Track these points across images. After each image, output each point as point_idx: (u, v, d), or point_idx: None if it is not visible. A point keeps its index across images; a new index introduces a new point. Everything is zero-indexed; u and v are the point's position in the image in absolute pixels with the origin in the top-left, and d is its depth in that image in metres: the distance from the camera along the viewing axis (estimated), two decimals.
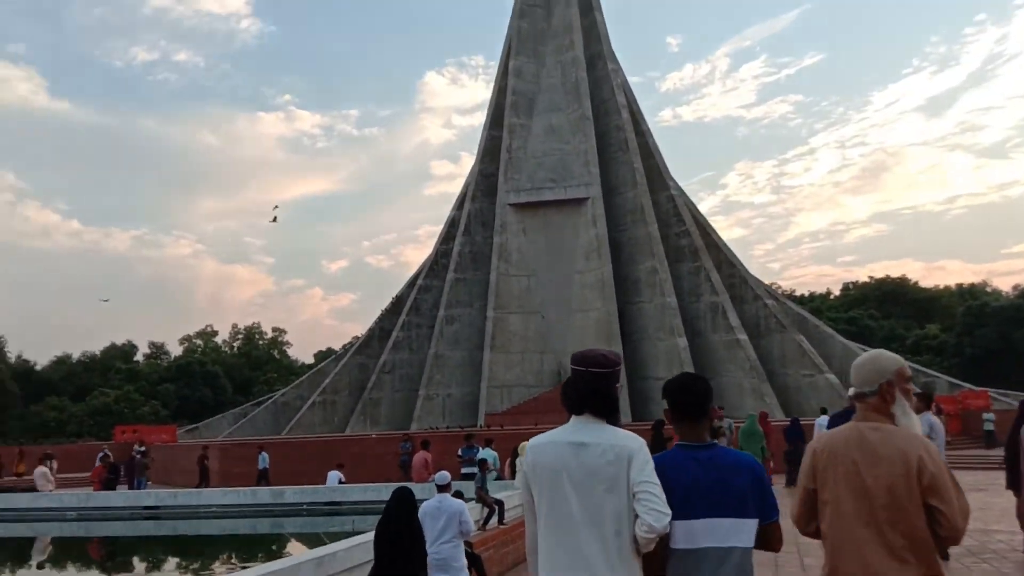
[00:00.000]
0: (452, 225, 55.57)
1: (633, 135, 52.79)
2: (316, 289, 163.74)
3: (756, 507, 3.35)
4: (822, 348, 47.76)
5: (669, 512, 3.16)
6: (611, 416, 3.43)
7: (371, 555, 6.87)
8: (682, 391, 3.52)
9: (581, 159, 52.35)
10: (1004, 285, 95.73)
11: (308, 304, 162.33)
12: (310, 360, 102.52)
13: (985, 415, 31.37)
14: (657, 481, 3.21)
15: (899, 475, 3.34)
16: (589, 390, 3.42)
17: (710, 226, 53.42)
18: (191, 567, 16.39)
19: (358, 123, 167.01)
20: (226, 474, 30.41)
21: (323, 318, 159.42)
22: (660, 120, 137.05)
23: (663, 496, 3.18)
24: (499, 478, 17.88)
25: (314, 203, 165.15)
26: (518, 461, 16.14)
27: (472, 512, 9.40)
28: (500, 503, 12.28)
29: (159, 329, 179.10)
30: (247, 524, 19.34)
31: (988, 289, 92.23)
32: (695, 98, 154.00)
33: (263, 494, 19.51)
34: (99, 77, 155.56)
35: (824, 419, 22.14)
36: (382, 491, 18.66)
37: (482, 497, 12.19)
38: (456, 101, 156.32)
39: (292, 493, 19.08)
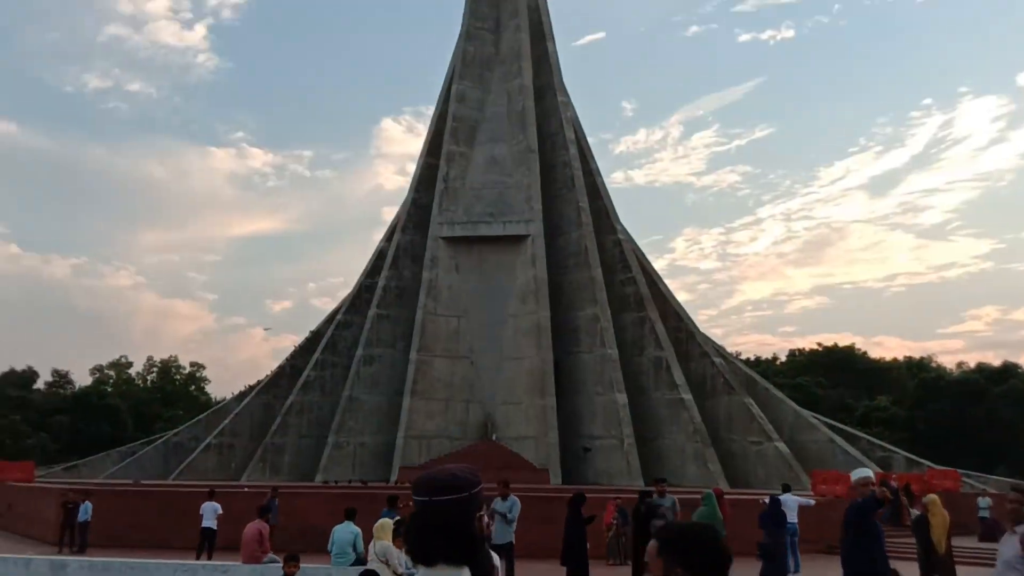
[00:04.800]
0: (379, 257, 50.83)
1: (580, 172, 48.97)
2: (258, 329, 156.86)
3: None
4: (772, 414, 43.75)
5: None
6: (472, 560, 2.44)
7: None
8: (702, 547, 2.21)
9: (523, 194, 48.24)
10: (945, 363, 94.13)
11: (247, 343, 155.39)
12: None
13: (980, 500, 27.27)
14: None
15: None
16: (436, 528, 2.43)
17: (657, 275, 49.51)
18: None
19: (311, 164, 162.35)
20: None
21: (262, 359, 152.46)
22: (612, 182, 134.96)
23: None
24: (358, 561, 12.87)
25: (261, 242, 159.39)
26: (370, 546, 11.28)
27: None
28: None
29: (90, 360, 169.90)
30: None
31: (933, 364, 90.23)
32: (647, 162, 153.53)
33: (40, 566, 14.29)
34: (49, 102, 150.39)
35: (790, 498, 17.80)
36: (198, 571, 13.63)
37: None
38: (411, 149, 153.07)
39: (78, 567, 13.91)
